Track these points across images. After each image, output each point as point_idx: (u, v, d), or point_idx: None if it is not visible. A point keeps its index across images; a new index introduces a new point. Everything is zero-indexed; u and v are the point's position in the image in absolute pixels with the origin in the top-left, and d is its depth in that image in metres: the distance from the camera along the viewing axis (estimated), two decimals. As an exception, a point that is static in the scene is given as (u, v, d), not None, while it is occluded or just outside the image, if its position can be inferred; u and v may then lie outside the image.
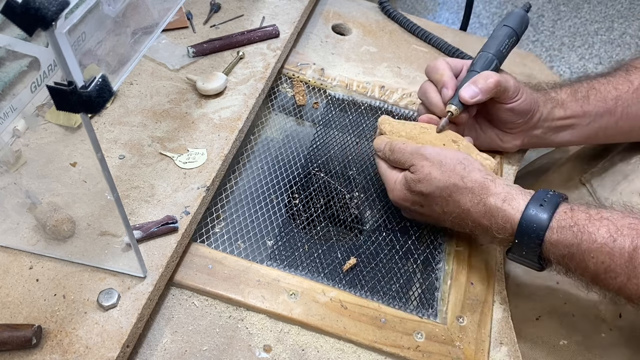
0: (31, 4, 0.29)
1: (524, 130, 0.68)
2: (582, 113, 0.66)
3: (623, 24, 2.23)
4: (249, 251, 0.60)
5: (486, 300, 0.59)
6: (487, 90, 0.61)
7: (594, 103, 0.66)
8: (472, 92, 0.61)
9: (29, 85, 0.58)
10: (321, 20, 0.90)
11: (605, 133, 0.67)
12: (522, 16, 0.68)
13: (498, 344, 0.57)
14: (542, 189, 0.54)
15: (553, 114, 0.66)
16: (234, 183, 0.67)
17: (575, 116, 0.66)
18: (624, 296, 0.49)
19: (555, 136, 0.68)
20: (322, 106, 0.78)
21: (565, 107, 0.66)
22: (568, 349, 0.65)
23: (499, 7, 2.30)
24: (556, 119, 0.67)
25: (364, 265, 0.61)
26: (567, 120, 0.67)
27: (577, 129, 0.67)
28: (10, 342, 0.45)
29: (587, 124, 0.67)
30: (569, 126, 0.67)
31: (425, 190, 0.56)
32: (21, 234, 0.52)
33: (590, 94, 0.66)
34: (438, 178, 0.55)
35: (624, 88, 0.65)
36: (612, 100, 0.65)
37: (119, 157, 0.60)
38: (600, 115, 0.66)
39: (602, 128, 0.66)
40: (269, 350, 0.53)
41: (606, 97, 0.65)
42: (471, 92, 0.61)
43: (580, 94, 0.66)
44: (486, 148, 0.70)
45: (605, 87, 0.66)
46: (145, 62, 0.72)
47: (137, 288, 0.50)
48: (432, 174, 0.56)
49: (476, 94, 0.61)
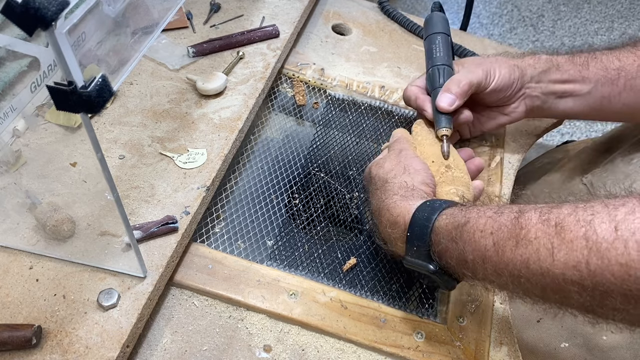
0: (31, 4, 0.29)
1: (519, 97, 0.68)
2: (581, 78, 0.65)
3: (623, 24, 2.23)
4: (249, 251, 0.60)
5: (486, 300, 0.59)
6: (463, 94, 0.63)
7: (593, 70, 0.65)
8: (449, 100, 0.63)
9: (29, 85, 0.58)
10: (321, 20, 0.90)
11: (610, 105, 0.66)
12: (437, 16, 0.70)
13: (498, 344, 0.57)
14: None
15: (548, 75, 0.66)
16: (234, 183, 0.67)
17: (573, 80, 0.66)
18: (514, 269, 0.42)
19: (558, 103, 0.68)
20: (322, 106, 0.78)
21: (561, 69, 0.66)
22: (569, 352, 0.65)
23: (499, 7, 2.30)
24: (553, 81, 0.66)
25: (364, 265, 0.61)
26: (566, 85, 0.66)
27: (578, 98, 0.67)
28: (10, 342, 0.45)
29: (589, 92, 0.66)
30: (569, 93, 0.67)
31: (373, 173, 0.60)
32: (21, 234, 0.52)
33: (590, 61, 0.65)
34: (384, 168, 0.58)
35: (628, 60, 0.64)
36: (614, 70, 0.64)
37: (119, 157, 0.60)
38: (601, 84, 0.65)
39: (606, 98, 0.65)
40: (269, 350, 0.53)
41: (608, 66, 0.64)
42: (448, 100, 0.63)
43: (579, 60, 0.66)
44: (496, 128, 0.71)
45: (608, 57, 0.65)
46: (145, 62, 0.72)
47: (137, 288, 0.50)
48: (385, 165, 0.59)
49: (453, 101, 0.63)
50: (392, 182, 0.56)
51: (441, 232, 0.48)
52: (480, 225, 0.45)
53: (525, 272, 0.42)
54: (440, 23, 0.69)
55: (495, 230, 0.44)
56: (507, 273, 0.43)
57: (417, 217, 0.50)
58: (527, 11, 2.27)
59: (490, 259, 0.44)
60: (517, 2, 2.30)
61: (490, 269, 0.45)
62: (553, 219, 0.41)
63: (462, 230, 0.46)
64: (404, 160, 0.58)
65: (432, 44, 0.68)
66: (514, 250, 0.42)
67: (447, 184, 0.58)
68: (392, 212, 0.52)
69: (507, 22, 2.23)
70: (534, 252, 0.41)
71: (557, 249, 0.39)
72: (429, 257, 0.49)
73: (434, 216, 0.49)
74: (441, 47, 0.68)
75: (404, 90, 0.69)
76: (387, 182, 0.56)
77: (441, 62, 0.66)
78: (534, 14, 2.24)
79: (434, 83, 0.65)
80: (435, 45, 0.68)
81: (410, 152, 0.60)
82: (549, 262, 0.40)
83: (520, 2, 2.31)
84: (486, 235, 0.44)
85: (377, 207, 0.55)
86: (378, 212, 0.55)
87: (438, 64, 0.66)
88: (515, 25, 2.21)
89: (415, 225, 0.49)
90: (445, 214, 0.49)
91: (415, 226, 0.49)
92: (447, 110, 0.62)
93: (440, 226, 0.48)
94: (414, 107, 0.68)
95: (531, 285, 0.42)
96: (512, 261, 0.42)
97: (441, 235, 0.48)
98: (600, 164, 0.72)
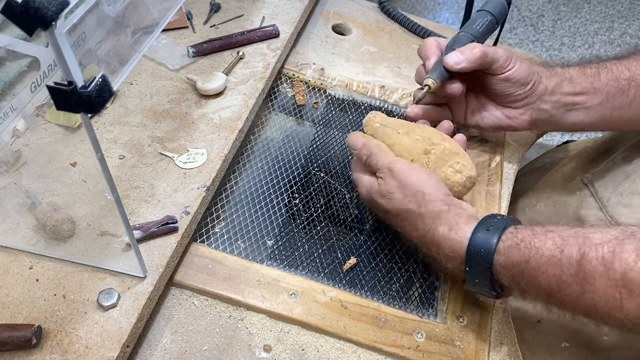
0: (31, 4, 0.29)
1: (529, 104, 0.66)
2: (593, 90, 0.64)
3: (623, 24, 2.23)
4: (249, 251, 0.60)
5: (486, 300, 0.59)
6: (473, 60, 0.61)
7: (605, 81, 0.64)
8: (457, 59, 0.62)
9: (29, 85, 0.58)
10: (321, 20, 0.90)
11: (620, 115, 0.65)
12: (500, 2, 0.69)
13: (498, 343, 0.57)
14: (490, 214, 0.53)
15: (561, 87, 0.65)
16: (234, 183, 0.67)
17: (585, 92, 0.64)
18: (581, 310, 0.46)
19: (567, 115, 0.66)
20: (322, 106, 0.78)
21: (574, 82, 0.65)
22: (569, 352, 0.65)
23: (499, 7, 2.29)
24: (565, 94, 0.65)
25: (364, 265, 0.61)
26: (577, 97, 0.65)
27: (589, 109, 0.65)
28: (10, 342, 0.45)
29: (600, 103, 0.65)
30: (580, 104, 0.65)
31: (385, 206, 0.57)
32: (21, 234, 0.52)
33: (601, 72, 0.65)
34: (399, 199, 0.56)
35: (637, 70, 0.63)
36: (624, 81, 0.63)
37: (119, 157, 0.60)
38: (612, 95, 0.64)
39: (617, 109, 0.64)
40: (269, 350, 0.53)
41: (618, 76, 0.64)
42: (456, 59, 0.62)
43: (590, 71, 0.65)
44: (495, 128, 0.69)
45: (617, 67, 0.64)
46: (145, 62, 0.72)
47: (137, 288, 0.50)
48: (394, 194, 0.56)
49: (461, 61, 0.61)
50: (419, 212, 0.54)
51: (501, 272, 0.50)
52: (541, 265, 0.47)
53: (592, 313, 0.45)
54: (499, 8, 0.69)
55: (557, 273, 0.46)
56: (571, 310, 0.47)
57: (473, 254, 0.50)
58: (527, 11, 2.27)
59: (554, 298, 0.47)
60: (517, 2, 2.30)
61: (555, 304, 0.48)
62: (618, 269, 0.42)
63: (524, 269, 0.48)
64: (405, 180, 0.56)
65: (480, 18, 0.68)
66: (580, 295, 0.45)
67: (441, 165, 0.58)
68: (444, 248, 0.53)
69: (507, 22, 2.23)
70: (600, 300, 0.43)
71: (625, 300, 0.42)
72: (491, 287, 0.51)
73: (492, 255, 0.49)
74: (484, 26, 0.67)
75: (425, 40, 0.67)
76: (412, 213, 0.55)
77: (473, 34, 0.66)
78: (534, 14, 2.24)
79: (454, 45, 0.65)
80: (480, 20, 0.68)
81: (401, 165, 0.57)
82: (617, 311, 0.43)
83: (520, 2, 2.31)
84: (549, 277, 0.46)
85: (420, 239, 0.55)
86: (425, 245, 0.55)
87: (470, 33, 0.66)
88: (515, 25, 2.21)
89: (473, 262, 0.50)
90: (504, 250, 0.49)
91: (474, 263, 0.50)
92: (451, 66, 0.61)
93: (500, 264, 0.49)
94: (422, 54, 0.66)
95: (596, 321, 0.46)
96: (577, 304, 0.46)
97: (502, 274, 0.50)
98: (600, 163, 0.72)
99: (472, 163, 0.59)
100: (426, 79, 0.62)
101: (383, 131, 0.62)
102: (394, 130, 0.61)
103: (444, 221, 0.53)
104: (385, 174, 0.57)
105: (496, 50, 0.63)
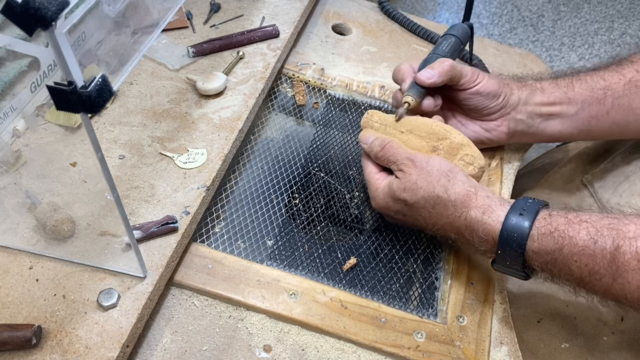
0: (31, 4, 0.29)
1: (503, 115, 0.67)
2: (567, 100, 0.66)
3: (623, 24, 2.23)
4: (249, 251, 0.60)
5: (486, 300, 0.59)
6: (443, 73, 0.63)
7: (579, 91, 0.65)
8: (429, 74, 0.63)
9: (28, 85, 0.58)
10: (321, 20, 0.90)
11: (598, 125, 0.66)
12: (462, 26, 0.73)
13: (498, 343, 0.57)
14: (522, 197, 0.54)
15: (534, 97, 0.66)
16: (234, 183, 0.67)
17: (559, 102, 0.66)
18: (611, 298, 0.48)
19: (545, 125, 0.67)
20: (322, 106, 0.78)
21: (546, 92, 0.66)
22: (569, 352, 0.65)
23: (499, 7, 2.30)
24: (538, 104, 0.66)
25: (364, 265, 0.61)
26: (552, 107, 0.66)
27: (565, 119, 0.66)
28: (10, 342, 0.45)
29: (575, 113, 0.66)
30: (556, 114, 0.66)
31: (409, 200, 0.56)
32: (21, 234, 0.52)
33: (574, 83, 0.66)
34: (423, 188, 0.55)
35: (613, 79, 0.64)
36: (600, 90, 0.64)
37: (119, 157, 0.60)
38: (587, 104, 0.65)
39: (593, 118, 0.65)
40: (269, 350, 0.53)
41: (593, 86, 0.65)
42: (427, 74, 0.63)
43: (563, 82, 0.67)
44: (474, 142, 0.69)
45: (592, 77, 0.66)
46: (145, 62, 0.72)
47: (137, 288, 0.50)
48: (418, 183, 0.56)
49: (432, 75, 0.63)
50: (448, 197, 0.54)
51: (533, 257, 0.51)
52: (574, 255, 0.48)
53: (623, 300, 0.47)
54: (461, 31, 0.72)
55: (590, 264, 0.48)
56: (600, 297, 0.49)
57: (506, 239, 0.51)
58: (527, 11, 2.27)
59: (585, 285, 0.49)
60: (517, 2, 2.30)
61: (585, 289, 0.50)
62: None
63: (557, 257, 0.49)
64: (428, 167, 0.56)
65: (445, 40, 0.71)
66: (611, 285, 0.47)
67: (450, 159, 0.59)
68: (478, 231, 0.53)
69: (507, 22, 2.23)
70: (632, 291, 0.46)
71: None
72: (522, 269, 0.53)
73: (525, 241, 0.50)
74: (450, 46, 0.70)
75: (397, 66, 0.69)
76: (441, 199, 0.55)
77: (441, 54, 0.69)
78: (534, 14, 2.24)
79: (425, 65, 0.67)
80: (446, 42, 0.71)
81: (421, 155, 0.58)
82: None
83: (520, 2, 2.31)
84: (581, 267, 0.48)
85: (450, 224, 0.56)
86: (456, 230, 0.56)
87: (438, 53, 0.69)
88: (515, 25, 2.21)
89: (506, 246, 0.51)
90: (538, 237, 0.50)
91: (507, 247, 0.51)
92: (423, 82, 0.63)
93: (532, 250, 0.50)
94: (397, 79, 0.68)
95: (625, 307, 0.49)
96: (608, 292, 0.48)
97: (534, 260, 0.51)
98: (600, 164, 0.72)
99: (479, 151, 0.60)
100: (405, 96, 0.64)
101: (385, 131, 0.62)
102: (396, 130, 0.62)
103: (474, 204, 0.53)
104: (406, 165, 0.57)
105: (463, 66, 0.66)
